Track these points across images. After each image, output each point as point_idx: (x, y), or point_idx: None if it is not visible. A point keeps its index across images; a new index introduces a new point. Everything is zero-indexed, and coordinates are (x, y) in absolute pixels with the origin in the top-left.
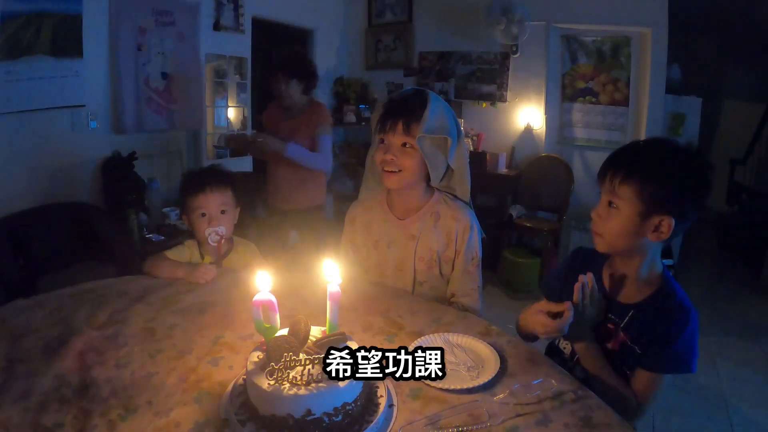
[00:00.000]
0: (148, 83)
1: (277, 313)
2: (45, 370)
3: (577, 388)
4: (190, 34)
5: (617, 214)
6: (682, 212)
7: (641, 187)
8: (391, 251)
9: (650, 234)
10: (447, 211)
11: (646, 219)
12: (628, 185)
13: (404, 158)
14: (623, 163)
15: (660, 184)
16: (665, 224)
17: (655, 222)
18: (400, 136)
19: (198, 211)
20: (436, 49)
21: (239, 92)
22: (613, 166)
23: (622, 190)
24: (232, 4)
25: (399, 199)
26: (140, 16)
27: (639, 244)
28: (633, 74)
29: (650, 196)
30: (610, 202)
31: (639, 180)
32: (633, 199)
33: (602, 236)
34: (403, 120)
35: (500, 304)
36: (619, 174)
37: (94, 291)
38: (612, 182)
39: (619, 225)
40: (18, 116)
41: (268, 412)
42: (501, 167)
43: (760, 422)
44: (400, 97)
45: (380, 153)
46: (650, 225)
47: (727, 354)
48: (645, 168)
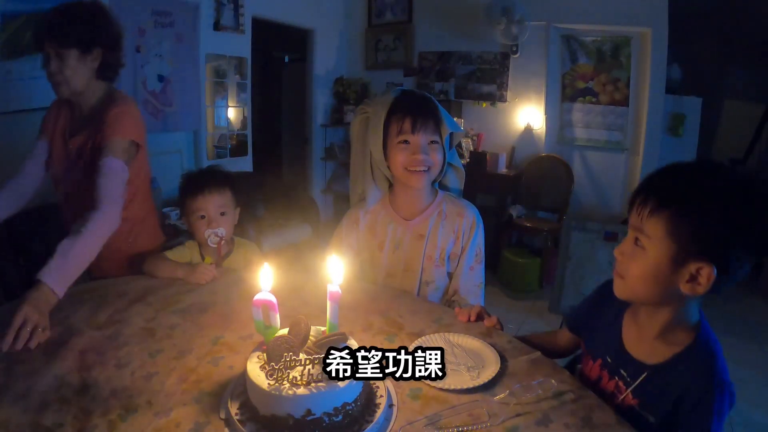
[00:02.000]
0: (144, 85)
1: (277, 313)
2: (45, 370)
3: (577, 388)
4: (189, 34)
5: (642, 255)
6: (729, 261)
7: (675, 223)
8: (398, 253)
9: (683, 284)
10: (452, 208)
11: (679, 265)
12: (659, 219)
13: (433, 155)
14: (655, 190)
15: (701, 220)
16: (704, 274)
17: (692, 270)
18: (430, 135)
19: (197, 213)
20: (436, 49)
21: (239, 92)
22: (643, 193)
23: (651, 225)
24: (232, 4)
25: (406, 199)
26: (140, 17)
27: (668, 295)
28: (633, 74)
29: (687, 236)
30: (637, 238)
31: (673, 213)
32: (663, 237)
33: (624, 279)
34: (433, 118)
35: (500, 304)
36: (649, 203)
37: (94, 291)
38: (639, 213)
39: (645, 269)
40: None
41: (268, 412)
42: (501, 167)
43: (760, 422)
44: (413, 97)
45: (406, 154)
46: (684, 273)
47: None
48: (683, 197)
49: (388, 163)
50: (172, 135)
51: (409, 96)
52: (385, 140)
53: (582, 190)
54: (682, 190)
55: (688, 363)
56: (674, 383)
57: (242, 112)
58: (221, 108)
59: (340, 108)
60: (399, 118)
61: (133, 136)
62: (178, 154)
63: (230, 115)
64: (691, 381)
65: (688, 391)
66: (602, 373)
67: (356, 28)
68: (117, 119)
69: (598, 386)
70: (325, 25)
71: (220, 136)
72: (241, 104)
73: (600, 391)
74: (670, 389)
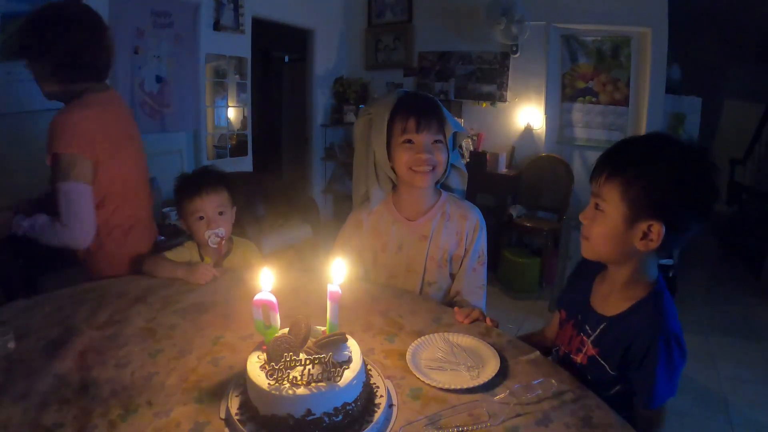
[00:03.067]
0: (142, 87)
1: (277, 313)
2: (45, 370)
3: (577, 388)
4: (189, 35)
5: (602, 218)
6: (676, 219)
7: (626, 187)
8: (401, 253)
9: (638, 242)
10: (456, 210)
11: (632, 224)
12: (613, 185)
13: (438, 154)
14: (610, 160)
15: (647, 184)
16: (654, 231)
17: (643, 228)
18: (434, 134)
19: (195, 215)
20: (436, 49)
21: (239, 92)
22: (600, 163)
23: (607, 190)
24: (232, 4)
25: (410, 200)
26: (139, 18)
27: (626, 252)
28: (633, 74)
29: (636, 198)
30: (597, 204)
31: (624, 179)
32: (618, 201)
33: (588, 240)
34: (436, 118)
35: (500, 304)
36: (605, 172)
37: (94, 291)
38: (597, 181)
39: (604, 230)
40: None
41: (268, 412)
42: (501, 167)
43: (760, 422)
44: (416, 97)
45: (410, 153)
46: (638, 231)
47: (727, 354)
48: (632, 165)
49: (392, 164)
50: (171, 135)
51: (412, 96)
52: (388, 141)
53: (582, 190)
54: (632, 158)
55: (639, 314)
56: (626, 332)
57: (242, 112)
58: (221, 108)
59: (340, 108)
60: (403, 118)
61: (71, 149)
62: (178, 154)
63: (230, 115)
64: (639, 330)
65: (635, 341)
66: (573, 332)
67: (356, 28)
68: (50, 132)
69: (570, 347)
70: (325, 25)
71: (220, 136)
72: (241, 104)
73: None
74: (622, 338)
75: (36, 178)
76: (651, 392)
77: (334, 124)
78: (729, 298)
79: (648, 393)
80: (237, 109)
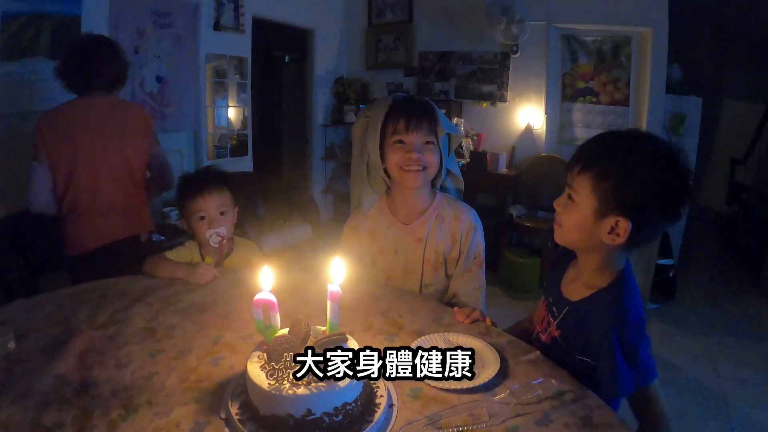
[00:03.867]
0: (143, 87)
1: (277, 313)
2: (45, 370)
3: (577, 388)
4: (189, 35)
5: (574, 208)
6: (643, 218)
7: (597, 182)
8: (398, 256)
9: (605, 235)
10: (450, 212)
11: (601, 218)
12: (585, 177)
13: (428, 155)
14: (584, 153)
15: (618, 181)
16: (621, 227)
17: (611, 223)
18: (425, 135)
19: (197, 215)
20: (436, 49)
21: (239, 92)
22: (575, 157)
23: (579, 182)
24: (232, 4)
25: (404, 203)
26: (139, 18)
27: (594, 243)
28: (633, 74)
29: (605, 193)
30: (569, 194)
31: (596, 173)
32: (588, 193)
33: (561, 227)
34: (426, 119)
35: (500, 304)
36: (578, 165)
37: (94, 291)
38: (572, 172)
39: (575, 220)
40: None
41: (268, 412)
42: (501, 167)
43: (760, 422)
44: (410, 99)
45: (400, 153)
46: (605, 225)
47: (727, 354)
48: (604, 160)
49: (385, 165)
50: (172, 135)
51: (407, 99)
52: (382, 142)
53: None
54: (606, 153)
55: (597, 303)
56: (585, 320)
57: (242, 112)
58: (221, 108)
59: (340, 108)
60: (395, 119)
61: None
62: (178, 154)
63: (230, 115)
64: (595, 320)
65: (592, 330)
66: (545, 313)
67: (356, 28)
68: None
69: (542, 325)
70: (325, 25)
71: (221, 136)
72: (241, 104)
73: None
74: (582, 323)
75: None
76: (612, 383)
77: (334, 124)
78: (729, 298)
79: (609, 383)
80: (237, 109)
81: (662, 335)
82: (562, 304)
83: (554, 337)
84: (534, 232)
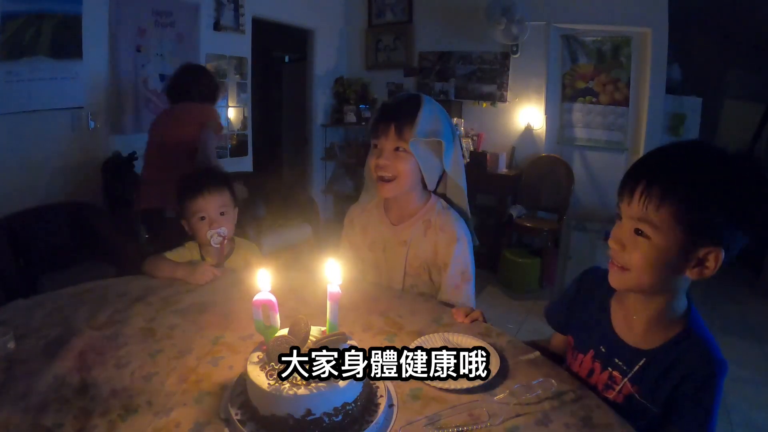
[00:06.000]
0: (146, 84)
1: (277, 313)
2: (45, 370)
3: (577, 388)
4: (190, 34)
5: (647, 245)
6: (735, 244)
7: (684, 212)
8: (385, 253)
9: (690, 270)
10: (437, 220)
11: (689, 252)
12: (667, 208)
13: (398, 163)
14: (658, 178)
15: (711, 208)
16: (712, 258)
17: (700, 255)
18: (393, 141)
19: (197, 215)
20: (436, 49)
21: (239, 92)
22: (644, 181)
23: (658, 214)
24: (232, 4)
25: (395, 204)
26: (140, 17)
27: (673, 282)
28: (633, 74)
29: (697, 224)
30: (638, 228)
31: (681, 202)
32: (672, 226)
33: (628, 271)
34: (395, 123)
35: (500, 304)
36: (654, 192)
37: (94, 291)
38: (643, 203)
39: (651, 258)
40: (18, 117)
41: (268, 412)
42: (501, 167)
43: (760, 422)
44: (394, 102)
45: (373, 158)
46: (693, 259)
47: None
48: (691, 186)
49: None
50: None
51: (393, 101)
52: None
53: (582, 190)
54: (689, 178)
55: (686, 346)
56: (672, 368)
57: (242, 112)
58: (221, 108)
59: (340, 108)
60: (374, 121)
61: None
62: None
63: (230, 115)
64: (691, 364)
65: (689, 375)
66: (594, 365)
67: (356, 28)
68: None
69: (590, 380)
70: (325, 25)
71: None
72: (241, 104)
73: (592, 386)
74: (668, 374)
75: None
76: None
77: (334, 124)
78: (729, 298)
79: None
80: (237, 109)
81: None
82: (633, 354)
83: (629, 395)
84: (534, 232)
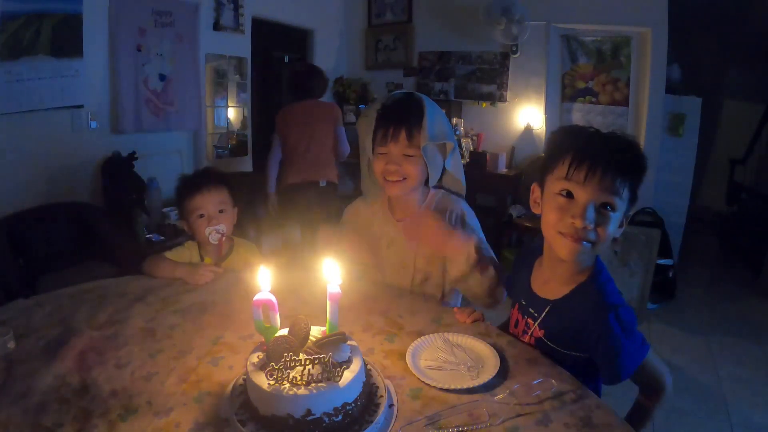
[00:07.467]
0: (146, 84)
1: (277, 313)
2: (45, 370)
3: (578, 388)
4: (189, 34)
5: (613, 218)
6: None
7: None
8: (390, 251)
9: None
10: (440, 206)
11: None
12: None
13: (407, 166)
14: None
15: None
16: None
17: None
18: (403, 147)
19: (196, 213)
20: (436, 49)
21: (239, 92)
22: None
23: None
24: (232, 4)
25: (398, 203)
26: (140, 17)
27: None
28: (633, 74)
29: (634, 191)
30: (607, 204)
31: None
32: (627, 196)
33: (597, 244)
34: (405, 129)
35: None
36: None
37: (94, 291)
38: (610, 180)
39: (612, 228)
40: (18, 116)
41: (268, 412)
42: (501, 167)
43: (760, 422)
44: (396, 105)
45: (381, 164)
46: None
47: (727, 354)
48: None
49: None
50: (171, 135)
51: (394, 104)
52: (373, 147)
53: None
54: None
55: (583, 293)
56: (572, 315)
57: (242, 112)
58: (221, 108)
59: (340, 108)
60: (379, 128)
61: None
62: (178, 154)
63: (230, 115)
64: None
65: (586, 324)
66: (518, 316)
67: (356, 28)
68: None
69: (516, 330)
70: (325, 25)
71: (220, 136)
72: (241, 104)
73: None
74: (568, 319)
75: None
76: (619, 364)
77: None
78: (729, 298)
79: (617, 366)
80: (237, 109)
81: (662, 335)
82: (541, 304)
83: (538, 338)
84: (534, 232)
